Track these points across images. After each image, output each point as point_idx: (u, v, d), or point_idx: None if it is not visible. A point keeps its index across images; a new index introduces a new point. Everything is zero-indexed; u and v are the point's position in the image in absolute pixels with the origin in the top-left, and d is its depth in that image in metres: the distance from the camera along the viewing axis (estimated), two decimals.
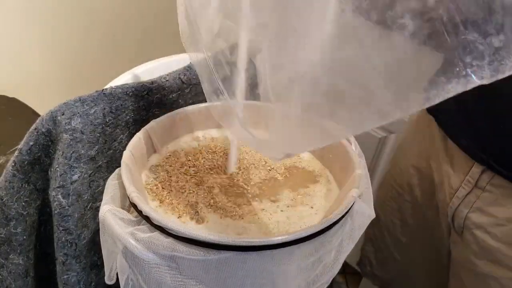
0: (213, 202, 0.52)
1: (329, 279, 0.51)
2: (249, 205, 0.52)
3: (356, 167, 0.52)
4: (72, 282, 0.56)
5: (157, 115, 0.60)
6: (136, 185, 0.48)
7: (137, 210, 0.45)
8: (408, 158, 0.75)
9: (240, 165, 0.59)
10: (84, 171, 0.53)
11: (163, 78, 0.60)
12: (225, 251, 0.41)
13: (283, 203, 0.53)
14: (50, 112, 0.52)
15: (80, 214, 0.54)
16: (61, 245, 0.54)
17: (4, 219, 0.56)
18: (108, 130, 0.56)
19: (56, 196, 0.52)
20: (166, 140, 0.61)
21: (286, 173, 0.58)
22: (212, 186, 0.55)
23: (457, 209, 0.63)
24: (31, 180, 0.55)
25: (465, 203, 0.62)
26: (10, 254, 0.58)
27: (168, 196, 0.52)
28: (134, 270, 0.43)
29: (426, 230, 0.74)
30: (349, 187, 0.51)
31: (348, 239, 0.49)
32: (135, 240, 0.41)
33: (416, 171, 0.72)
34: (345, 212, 0.46)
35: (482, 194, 0.59)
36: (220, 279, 0.42)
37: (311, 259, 0.45)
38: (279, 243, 0.41)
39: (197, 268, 0.42)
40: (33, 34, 1.15)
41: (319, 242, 0.44)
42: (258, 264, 0.42)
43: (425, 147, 0.69)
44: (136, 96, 0.58)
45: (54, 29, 1.19)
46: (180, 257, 0.41)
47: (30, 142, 0.53)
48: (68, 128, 0.52)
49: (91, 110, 0.54)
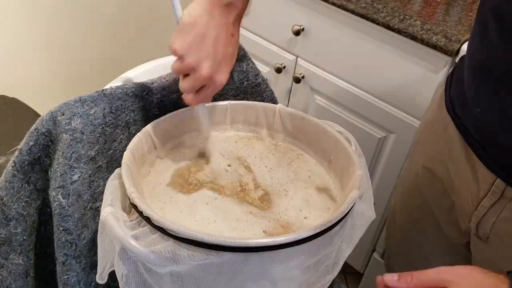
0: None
1: (330, 280, 0.51)
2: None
3: (357, 168, 0.52)
4: (72, 282, 0.56)
5: (157, 116, 0.60)
6: (136, 186, 0.48)
7: (137, 211, 0.45)
8: (420, 158, 0.74)
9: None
10: (84, 171, 0.53)
11: (163, 78, 0.60)
12: (226, 252, 0.40)
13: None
14: (50, 112, 0.52)
15: (80, 214, 0.54)
16: (61, 245, 0.54)
17: (4, 219, 0.56)
18: (108, 130, 0.56)
19: (56, 196, 0.52)
20: (166, 140, 0.61)
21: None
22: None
23: (483, 218, 0.62)
24: (31, 180, 0.55)
25: (492, 213, 0.60)
26: (10, 254, 0.57)
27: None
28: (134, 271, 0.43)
29: (440, 230, 0.73)
30: (349, 188, 0.51)
31: (349, 240, 0.49)
32: (136, 241, 0.41)
33: (427, 171, 0.72)
34: (346, 213, 0.46)
35: (508, 204, 0.58)
36: (220, 280, 0.42)
37: (312, 260, 0.45)
38: (280, 244, 0.41)
39: (197, 269, 0.42)
40: (33, 34, 1.16)
41: (320, 243, 0.44)
42: (259, 265, 0.42)
43: (440, 150, 0.68)
44: (136, 96, 0.58)
45: (54, 29, 1.19)
46: (181, 258, 0.41)
47: (30, 142, 0.53)
48: (68, 128, 0.52)
49: (91, 110, 0.54)
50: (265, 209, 0.53)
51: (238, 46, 0.59)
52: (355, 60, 1.05)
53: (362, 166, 0.53)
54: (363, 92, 1.07)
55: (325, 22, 1.06)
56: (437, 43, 0.88)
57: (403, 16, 0.93)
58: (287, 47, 1.18)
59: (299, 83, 1.18)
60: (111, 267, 0.46)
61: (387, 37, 0.96)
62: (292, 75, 1.18)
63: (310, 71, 1.15)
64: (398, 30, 0.93)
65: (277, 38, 1.19)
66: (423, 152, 0.74)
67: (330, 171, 0.60)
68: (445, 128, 0.66)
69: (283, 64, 1.19)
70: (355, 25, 1.01)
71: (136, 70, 0.61)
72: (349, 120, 1.13)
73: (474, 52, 0.58)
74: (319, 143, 0.61)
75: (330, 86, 1.13)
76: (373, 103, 1.06)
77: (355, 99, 1.09)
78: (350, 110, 1.12)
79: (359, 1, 0.98)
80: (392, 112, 1.03)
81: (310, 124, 0.62)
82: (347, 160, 0.55)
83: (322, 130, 0.60)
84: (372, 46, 1.00)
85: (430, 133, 0.72)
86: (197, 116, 0.60)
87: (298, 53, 1.16)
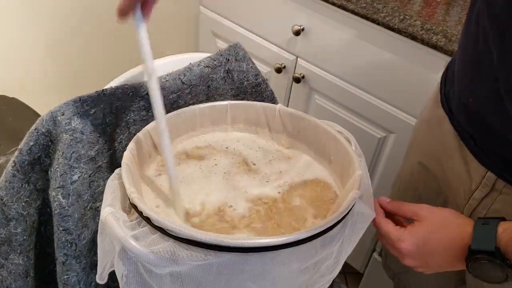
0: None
1: (330, 280, 0.51)
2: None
3: (357, 168, 0.52)
4: (72, 282, 0.56)
5: None
6: (136, 186, 0.48)
7: (137, 211, 0.45)
8: (415, 154, 0.75)
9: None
10: (84, 171, 0.53)
11: (163, 78, 0.60)
12: (226, 253, 0.40)
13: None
14: (50, 112, 0.52)
15: (80, 214, 0.54)
16: (61, 245, 0.54)
17: (4, 219, 0.56)
18: (108, 131, 0.56)
19: (56, 196, 0.52)
20: None
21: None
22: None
23: (474, 210, 0.63)
24: (31, 180, 0.55)
25: (483, 205, 0.61)
26: (10, 254, 0.58)
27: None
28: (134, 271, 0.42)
29: None
30: (350, 188, 0.51)
31: (349, 240, 0.49)
32: (136, 242, 0.41)
33: (422, 167, 0.72)
34: (346, 213, 0.46)
35: (499, 197, 0.59)
36: (220, 280, 0.42)
37: (312, 260, 0.45)
38: (280, 245, 0.41)
39: (197, 269, 0.42)
40: (33, 34, 1.15)
41: (320, 243, 0.44)
42: (259, 265, 0.42)
43: (435, 146, 0.69)
44: (136, 96, 0.58)
45: (54, 29, 1.19)
46: (181, 258, 0.41)
47: (30, 142, 0.53)
48: (68, 128, 0.52)
49: (91, 110, 0.54)
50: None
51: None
52: (355, 60, 1.05)
53: (362, 166, 0.53)
54: (363, 92, 1.07)
55: (325, 22, 1.06)
56: (437, 43, 0.88)
57: (403, 16, 0.93)
58: (287, 47, 1.18)
59: (299, 83, 1.18)
60: (111, 267, 0.46)
61: (387, 37, 0.96)
62: (292, 75, 1.18)
63: (310, 71, 1.15)
64: (398, 30, 0.93)
65: (277, 38, 1.19)
66: (418, 149, 0.75)
67: (330, 171, 0.60)
68: (440, 124, 0.67)
69: (283, 64, 1.19)
70: (355, 25, 1.01)
71: (136, 70, 0.61)
72: (349, 120, 1.13)
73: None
74: (319, 143, 0.61)
75: (330, 86, 1.13)
76: (373, 103, 1.06)
77: (355, 99, 1.09)
78: (350, 110, 1.12)
79: (359, 1, 0.98)
80: (392, 112, 1.03)
81: (310, 124, 0.62)
82: (347, 160, 0.55)
83: (322, 130, 0.60)
84: (372, 46, 1.00)
85: (426, 131, 0.73)
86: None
87: (298, 53, 1.16)
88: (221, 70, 0.65)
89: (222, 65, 0.65)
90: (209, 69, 0.64)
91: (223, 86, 0.66)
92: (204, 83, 0.63)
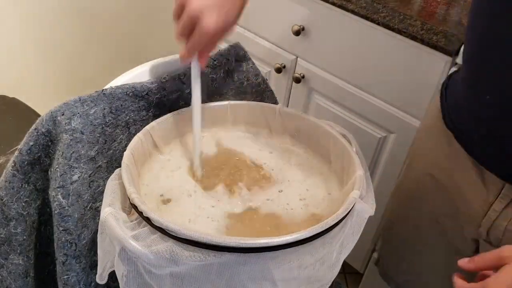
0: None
1: (330, 280, 0.51)
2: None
3: (357, 168, 0.52)
4: (72, 282, 0.56)
5: (157, 116, 0.60)
6: (136, 186, 0.48)
7: (137, 211, 0.45)
8: (421, 165, 0.73)
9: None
10: (84, 171, 0.53)
11: (163, 78, 0.60)
12: (226, 253, 0.40)
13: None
14: (50, 112, 0.52)
15: (80, 215, 0.54)
16: (61, 245, 0.54)
17: (4, 219, 0.56)
18: (108, 130, 0.56)
19: (56, 196, 0.52)
20: (167, 140, 0.61)
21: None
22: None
23: (495, 222, 0.61)
24: (31, 180, 0.55)
25: (503, 217, 0.60)
26: (10, 254, 0.57)
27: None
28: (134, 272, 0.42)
29: (442, 236, 0.73)
30: (349, 188, 0.51)
31: (349, 240, 0.49)
32: (136, 242, 0.41)
33: (430, 178, 0.71)
34: (346, 213, 0.46)
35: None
36: (220, 280, 0.42)
37: (312, 260, 0.45)
38: (280, 245, 0.41)
39: (197, 269, 0.42)
40: (34, 34, 1.15)
41: (320, 243, 0.44)
42: (259, 265, 0.42)
43: (443, 159, 0.67)
44: (136, 96, 0.58)
45: (54, 29, 1.19)
46: (181, 259, 0.41)
47: (30, 142, 0.53)
48: (68, 128, 0.52)
49: (91, 110, 0.54)
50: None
51: (241, 5, 0.56)
52: (355, 60, 1.05)
53: (362, 166, 0.53)
54: (363, 92, 1.07)
55: (325, 22, 1.06)
56: (437, 43, 0.88)
57: (403, 16, 0.93)
58: (287, 47, 1.18)
59: (299, 83, 1.17)
60: (111, 267, 0.46)
61: (387, 37, 0.96)
62: (292, 75, 1.18)
63: (310, 71, 1.15)
64: (398, 30, 0.93)
65: (277, 38, 1.19)
66: (424, 160, 0.73)
67: (330, 171, 0.60)
68: (447, 139, 0.65)
69: (283, 64, 1.19)
70: (355, 25, 1.01)
71: (136, 70, 0.61)
72: (349, 120, 1.13)
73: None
74: (319, 143, 0.61)
75: (330, 86, 1.13)
76: (373, 103, 1.06)
77: (355, 99, 1.09)
78: (350, 110, 1.12)
79: (359, 1, 0.98)
80: (392, 112, 1.03)
81: (310, 124, 0.62)
82: (347, 160, 0.55)
83: (322, 130, 0.60)
84: (372, 46, 1.00)
85: (431, 141, 0.71)
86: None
87: (298, 53, 1.16)
88: (221, 70, 0.65)
89: (222, 65, 0.65)
90: (209, 69, 0.64)
91: (223, 86, 0.66)
92: (204, 83, 0.63)
